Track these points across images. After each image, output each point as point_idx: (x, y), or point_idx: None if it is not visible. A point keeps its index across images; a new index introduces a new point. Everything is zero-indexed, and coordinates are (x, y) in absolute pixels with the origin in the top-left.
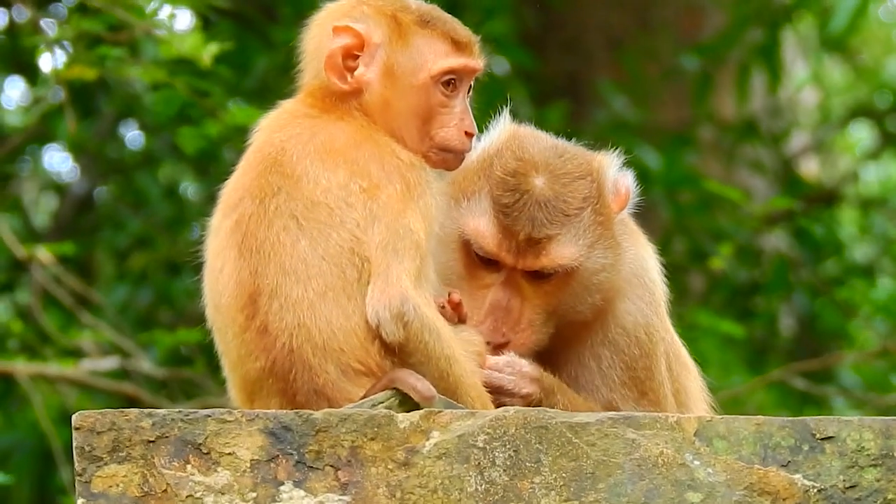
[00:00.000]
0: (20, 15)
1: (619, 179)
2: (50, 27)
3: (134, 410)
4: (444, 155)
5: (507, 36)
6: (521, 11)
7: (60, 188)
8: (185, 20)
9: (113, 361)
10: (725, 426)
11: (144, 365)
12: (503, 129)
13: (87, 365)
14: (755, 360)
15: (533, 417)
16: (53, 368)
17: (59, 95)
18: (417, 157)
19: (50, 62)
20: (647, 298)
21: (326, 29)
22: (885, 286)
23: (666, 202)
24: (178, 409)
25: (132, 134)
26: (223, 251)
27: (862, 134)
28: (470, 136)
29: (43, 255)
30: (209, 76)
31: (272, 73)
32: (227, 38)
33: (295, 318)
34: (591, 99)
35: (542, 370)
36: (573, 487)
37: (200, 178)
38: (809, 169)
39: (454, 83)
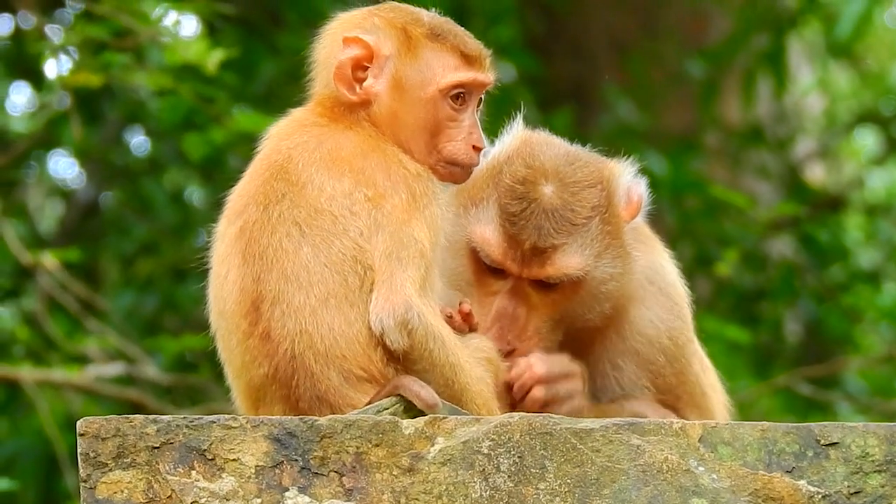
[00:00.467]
0: (26, 21)
1: (631, 187)
2: (55, 33)
3: (139, 417)
4: (451, 168)
5: (512, 42)
6: (526, 17)
7: (66, 194)
8: (190, 26)
9: (118, 367)
10: (730, 432)
11: (150, 371)
12: (515, 134)
13: (92, 371)
14: (761, 365)
15: (537, 424)
16: (59, 374)
17: (64, 102)
18: (424, 168)
19: (55, 68)
20: (666, 304)
21: (337, 39)
22: (890, 292)
23: (672, 208)
24: (183, 415)
25: (137, 140)
26: (228, 257)
27: (867, 140)
28: (478, 150)
29: (48, 261)
30: (214, 82)
31: (278, 79)
32: (232, 44)
33: (297, 324)
34: (596, 104)
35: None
36: (578, 493)
37: (206, 184)
38: (815, 175)
39: (463, 97)
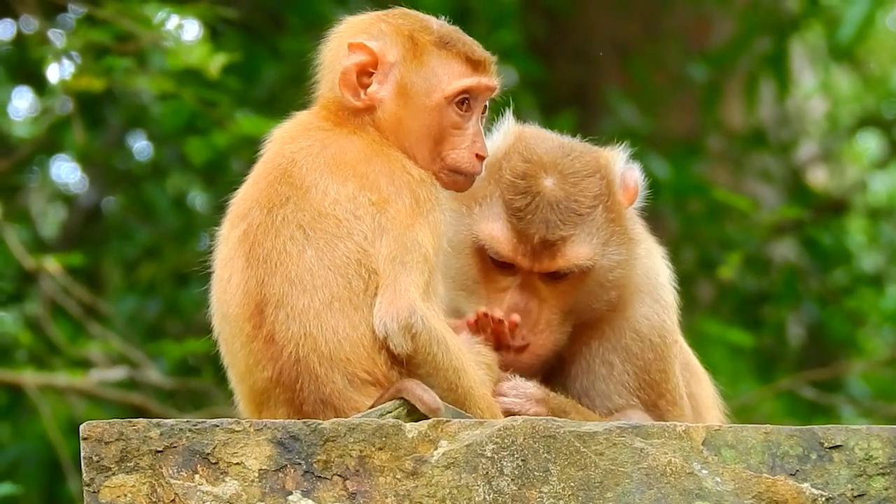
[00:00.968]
0: (28, 26)
1: (626, 174)
2: (58, 38)
3: (142, 420)
4: (454, 176)
5: (515, 45)
6: (528, 21)
7: (68, 199)
8: (192, 31)
9: (121, 372)
10: (733, 435)
11: (153, 375)
12: (508, 130)
13: (95, 375)
14: (764, 369)
15: (541, 427)
16: (62, 379)
17: (66, 106)
18: (428, 173)
19: (58, 73)
20: (659, 301)
21: (343, 44)
22: (893, 295)
23: (674, 211)
24: (186, 419)
25: (140, 144)
26: (231, 261)
27: (870, 143)
28: (481, 158)
29: (51, 265)
30: (217, 86)
31: (280, 83)
32: (234, 48)
33: (301, 327)
34: (599, 108)
35: (548, 391)
36: (581, 497)
37: (208, 188)
38: (817, 178)
39: (468, 103)
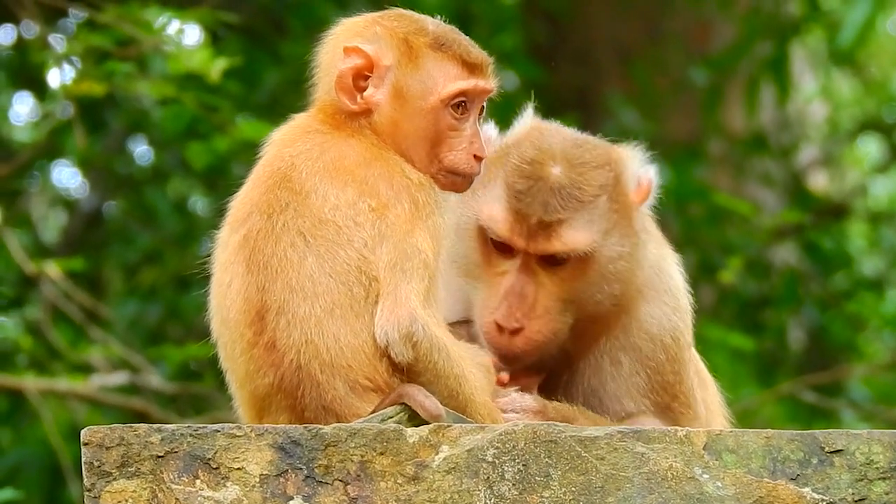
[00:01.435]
0: (29, 31)
1: (640, 172)
2: (58, 43)
3: (143, 426)
4: (452, 178)
5: (516, 49)
6: (530, 25)
7: (69, 204)
8: (193, 35)
9: (122, 377)
10: (734, 440)
11: (154, 380)
12: (525, 123)
13: (96, 380)
14: (765, 373)
15: (542, 432)
16: (63, 384)
17: (67, 111)
18: (427, 177)
19: (58, 78)
20: (671, 303)
21: (339, 47)
22: (893, 299)
23: (675, 215)
24: (187, 424)
25: (141, 149)
26: (231, 266)
27: (870, 147)
28: (479, 159)
29: (52, 270)
30: (218, 91)
31: (281, 87)
32: (235, 52)
33: (302, 334)
34: (600, 112)
35: (546, 402)
36: (582, 501)
37: (209, 192)
38: (818, 182)
39: (465, 105)
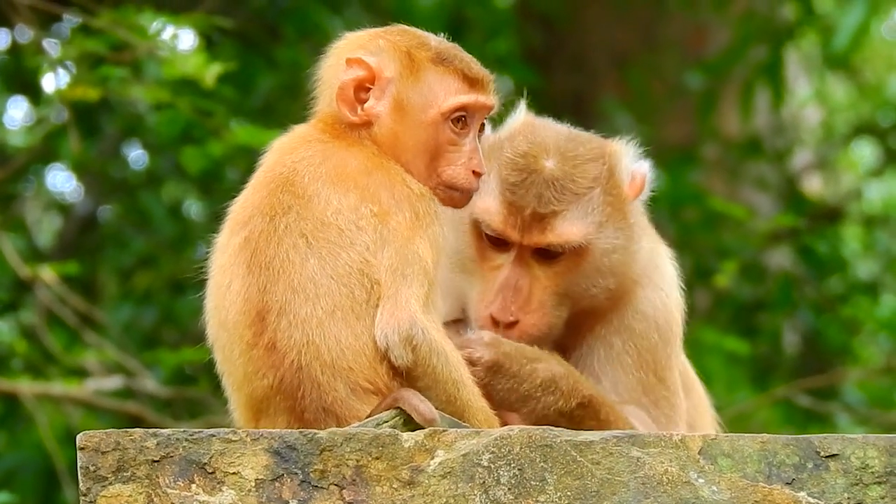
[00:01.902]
0: (23, 35)
1: (634, 166)
2: (53, 47)
3: (139, 430)
4: (450, 193)
5: (510, 54)
6: (524, 30)
7: (64, 208)
8: (188, 40)
9: (117, 381)
10: (730, 444)
11: (149, 384)
12: (518, 117)
13: (91, 384)
14: (759, 376)
15: (538, 436)
16: (58, 388)
17: (62, 115)
18: (426, 188)
19: (53, 82)
20: (666, 291)
21: (341, 60)
22: (888, 303)
23: (670, 220)
24: (182, 428)
25: (135, 154)
26: (231, 268)
27: (865, 151)
28: (478, 175)
29: (47, 274)
30: (212, 96)
31: (276, 92)
32: (230, 58)
33: (304, 335)
34: (595, 117)
35: (502, 340)
36: None
37: (204, 197)
38: (813, 186)
39: (464, 120)
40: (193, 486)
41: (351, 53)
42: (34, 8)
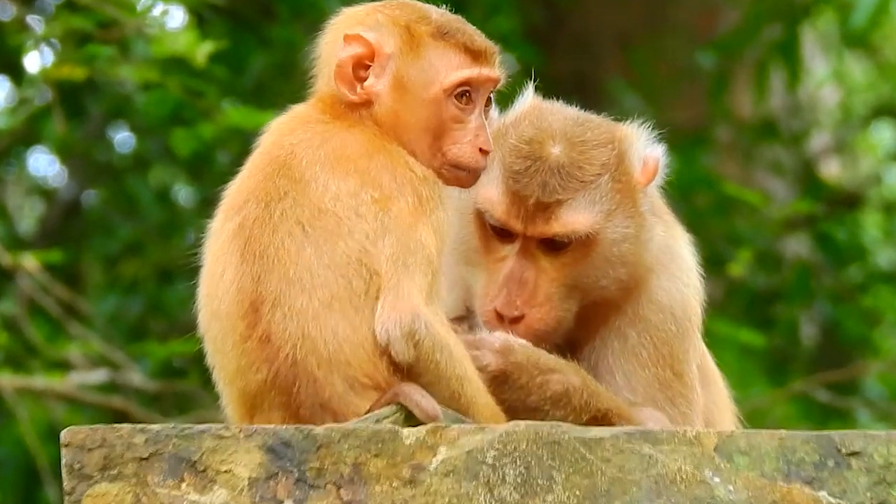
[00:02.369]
0: (5, 12)
1: (646, 151)
2: (37, 24)
3: (126, 426)
4: (456, 172)
5: (512, 33)
6: (527, 9)
7: (47, 193)
8: (178, 18)
9: (102, 374)
10: (747, 441)
11: (135, 378)
12: (525, 101)
13: (75, 378)
14: (775, 370)
15: (545, 432)
16: (40, 382)
17: (46, 96)
18: (430, 171)
19: (37, 61)
20: (683, 279)
21: (339, 36)
22: None
23: (681, 205)
24: (171, 424)
25: (122, 136)
26: (224, 255)
27: (884, 134)
28: (485, 153)
29: (29, 263)
30: (203, 76)
31: (268, 72)
32: (221, 36)
33: (299, 328)
34: (601, 98)
35: (514, 344)
36: None
37: (194, 181)
38: (830, 170)
39: (469, 95)
40: (183, 484)
41: (349, 29)
42: None
